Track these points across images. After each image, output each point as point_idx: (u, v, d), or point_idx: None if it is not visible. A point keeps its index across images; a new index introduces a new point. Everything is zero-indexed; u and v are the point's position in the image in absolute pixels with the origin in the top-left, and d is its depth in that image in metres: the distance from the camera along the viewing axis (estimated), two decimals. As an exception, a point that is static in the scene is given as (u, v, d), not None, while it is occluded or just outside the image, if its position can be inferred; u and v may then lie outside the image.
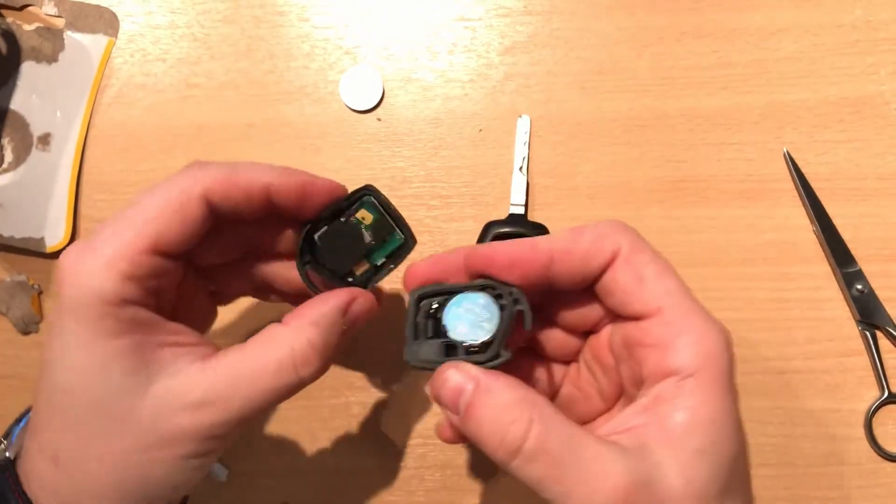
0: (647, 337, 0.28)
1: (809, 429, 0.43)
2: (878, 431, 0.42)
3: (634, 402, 0.28)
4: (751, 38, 0.46)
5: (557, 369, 0.34)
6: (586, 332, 0.32)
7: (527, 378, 0.33)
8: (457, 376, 0.27)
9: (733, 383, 0.27)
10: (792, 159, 0.44)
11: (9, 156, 0.47)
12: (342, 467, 0.43)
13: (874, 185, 0.44)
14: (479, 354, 0.28)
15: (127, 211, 0.28)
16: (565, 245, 0.28)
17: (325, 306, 0.30)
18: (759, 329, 0.43)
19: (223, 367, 0.28)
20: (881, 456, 0.42)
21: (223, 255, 0.33)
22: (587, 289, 0.30)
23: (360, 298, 0.31)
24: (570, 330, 0.32)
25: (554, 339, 0.33)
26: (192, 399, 0.27)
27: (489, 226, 0.44)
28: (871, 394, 0.43)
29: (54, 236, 0.46)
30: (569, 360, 0.34)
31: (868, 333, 0.43)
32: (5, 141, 0.47)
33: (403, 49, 0.47)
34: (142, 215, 0.27)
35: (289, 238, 0.33)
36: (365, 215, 0.33)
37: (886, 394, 0.42)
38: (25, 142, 0.47)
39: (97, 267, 0.26)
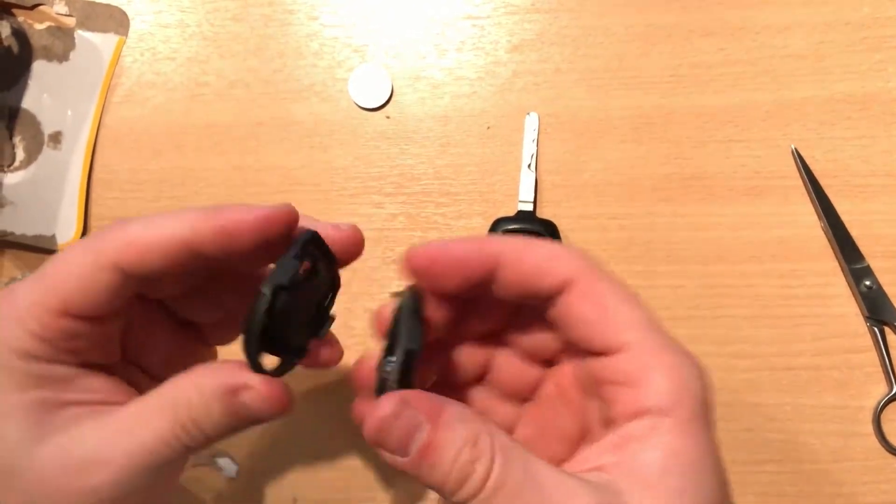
0: (615, 374, 0.25)
1: (817, 425, 0.43)
2: (886, 428, 0.42)
3: (602, 440, 0.25)
4: (758, 36, 0.46)
5: (511, 408, 0.30)
6: (545, 363, 0.29)
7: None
8: (407, 414, 0.23)
9: (711, 419, 0.25)
10: (800, 156, 0.44)
11: (20, 154, 0.47)
12: (352, 464, 0.43)
13: (882, 182, 0.44)
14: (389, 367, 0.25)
15: (45, 268, 0.26)
16: (516, 252, 0.26)
17: (214, 378, 0.25)
18: (766, 325, 0.43)
19: (113, 423, 0.25)
20: (889, 452, 0.42)
21: (175, 288, 0.29)
22: (541, 313, 0.27)
23: (255, 391, 0.25)
24: (527, 357, 0.29)
25: (509, 368, 0.30)
26: (75, 459, 0.25)
27: (498, 222, 0.44)
28: (880, 390, 0.43)
29: (65, 234, 0.46)
30: (525, 396, 0.30)
31: (876, 329, 0.43)
32: (17, 139, 0.47)
33: (412, 47, 0.47)
34: (51, 278, 0.25)
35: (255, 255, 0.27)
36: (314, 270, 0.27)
37: (895, 390, 0.42)
38: (37, 140, 0.47)
39: (10, 320, 0.25)
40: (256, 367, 0.26)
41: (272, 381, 0.26)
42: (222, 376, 0.25)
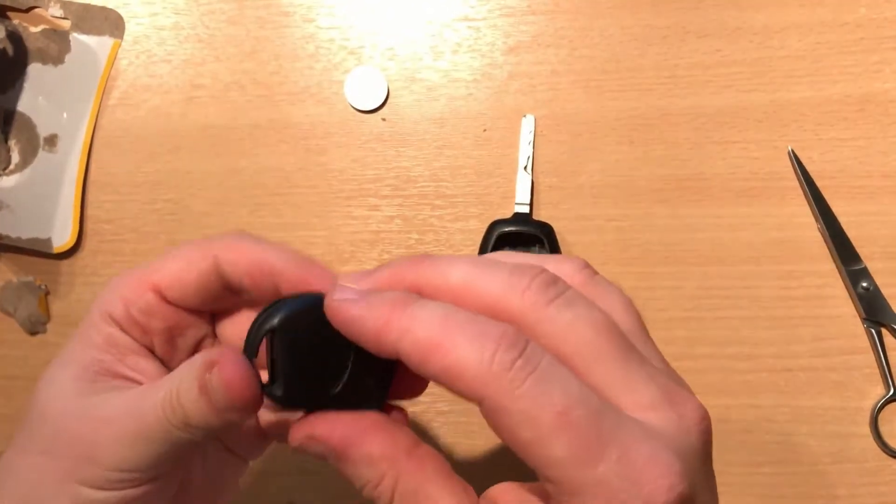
0: (543, 483, 0.22)
1: (815, 427, 0.43)
2: (883, 429, 0.42)
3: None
4: (755, 37, 0.46)
5: None
6: None
7: None
8: (314, 446, 0.25)
9: None
10: (797, 157, 0.44)
11: (16, 157, 0.47)
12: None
13: (879, 183, 0.44)
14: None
15: (168, 249, 0.29)
16: (413, 358, 0.22)
17: (199, 355, 0.26)
18: (764, 327, 0.43)
19: (132, 392, 0.27)
20: (887, 453, 0.42)
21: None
22: None
23: (217, 371, 0.24)
24: None
25: None
26: (93, 416, 0.26)
27: (494, 225, 0.44)
28: (877, 391, 0.43)
29: (61, 237, 0.46)
30: None
31: (874, 331, 0.43)
32: (12, 142, 0.47)
33: (408, 49, 0.47)
34: (161, 258, 0.28)
35: None
36: None
37: (892, 391, 0.42)
38: (32, 143, 0.47)
39: (116, 284, 0.28)
40: (249, 353, 0.25)
41: (240, 367, 0.24)
42: (209, 353, 0.25)
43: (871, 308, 0.43)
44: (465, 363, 0.21)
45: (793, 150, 0.45)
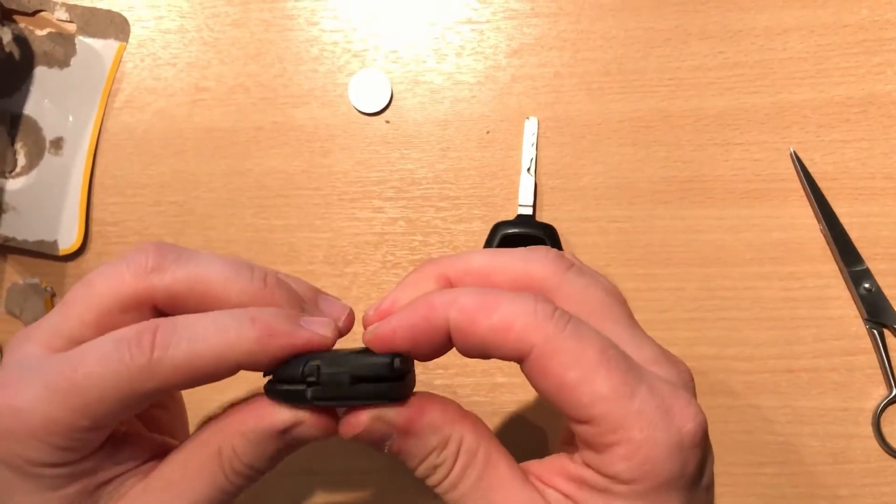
0: (580, 434, 0.24)
1: (817, 427, 0.43)
2: (886, 430, 0.42)
3: (573, 458, 0.25)
4: (757, 39, 0.46)
5: None
6: None
7: None
8: (378, 427, 0.25)
9: (687, 486, 0.24)
10: (799, 159, 0.45)
11: (22, 160, 0.47)
12: (353, 468, 0.44)
13: (881, 185, 0.44)
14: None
15: (58, 376, 0.24)
16: (465, 320, 0.24)
17: (260, 422, 0.25)
18: (766, 328, 0.43)
19: (160, 481, 0.26)
20: (889, 454, 0.42)
21: None
22: None
23: (309, 425, 0.26)
24: None
25: None
26: None
27: (497, 227, 0.44)
28: (879, 392, 0.43)
29: (67, 239, 0.46)
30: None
31: (876, 332, 0.43)
32: (18, 145, 0.47)
33: (411, 52, 0.47)
34: (75, 396, 0.24)
35: None
36: None
37: (894, 392, 0.42)
38: (38, 146, 0.47)
39: (23, 435, 0.24)
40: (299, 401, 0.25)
41: (326, 423, 0.26)
42: (267, 419, 0.25)
43: (873, 309, 0.43)
44: (513, 316, 0.23)
45: (795, 152, 0.45)
